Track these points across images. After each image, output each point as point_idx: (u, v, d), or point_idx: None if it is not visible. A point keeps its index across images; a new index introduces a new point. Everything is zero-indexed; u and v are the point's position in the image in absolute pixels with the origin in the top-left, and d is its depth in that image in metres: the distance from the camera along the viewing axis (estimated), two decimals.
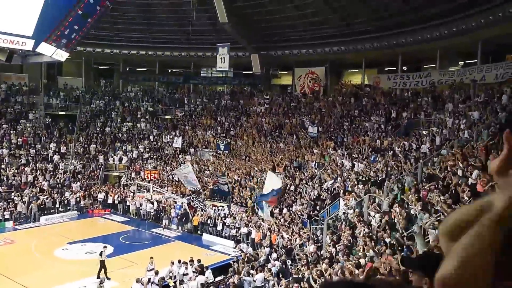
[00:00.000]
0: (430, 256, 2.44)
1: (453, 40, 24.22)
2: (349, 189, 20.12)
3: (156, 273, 15.94)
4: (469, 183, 13.00)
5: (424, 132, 22.58)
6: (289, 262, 17.60)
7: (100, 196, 29.14)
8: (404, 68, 29.78)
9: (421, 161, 17.98)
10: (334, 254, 15.19)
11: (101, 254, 17.45)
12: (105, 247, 18.44)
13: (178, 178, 28.22)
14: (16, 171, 28.84)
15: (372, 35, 28.05)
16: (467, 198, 11.83)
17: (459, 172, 14.29)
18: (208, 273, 16.69)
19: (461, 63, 27.80)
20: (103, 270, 17.10)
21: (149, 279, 15.37)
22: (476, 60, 24.54)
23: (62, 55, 23.37)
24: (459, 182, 13.47)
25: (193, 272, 16.46)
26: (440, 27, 24.34)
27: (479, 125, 18.29)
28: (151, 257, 17.10)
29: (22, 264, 18.75)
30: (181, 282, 16.04)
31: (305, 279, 13.62)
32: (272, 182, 22.48)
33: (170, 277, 16.54)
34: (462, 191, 12.61)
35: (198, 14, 29.75)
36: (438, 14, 24.27)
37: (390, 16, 26.62)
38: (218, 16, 26.86)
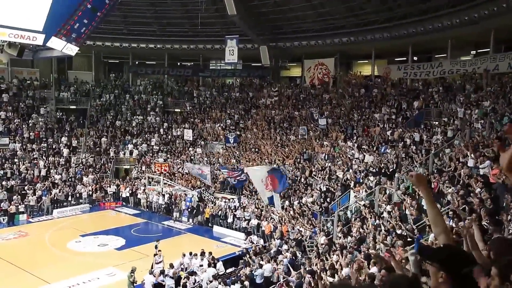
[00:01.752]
0: (449, 249, 2.40)
1: (464, 29, 23.84)
2: (360, 180, 20.06)
3: (171, 266, 16.06)
4: (481, 174, 12.88)
5: (435, 122, 22.36)
6: (299, 254, 17.64)
7: (111, 189, 29.44)
8: (415, 58, 29.43)
9: (432, 151, 17.84)
10: (344, 245, 15.17)
11: (156, 247, 17.64)
12: (157, 240, 18.43)
13: (189, 171, 28.39)
14: (29, 165, 29.21)
15: (382, 25, 27.75)
16: (479, 189, 11.73)
17: (470, 163, 14.17)
18: (219, 265, 16.79)
19: (473, 52, 27.38)
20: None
21: (161, 271, 15.51)
22: (488, 49, 24.16)
23: (72, 49, 23.37)
24: (470, 173, 13.35)
25: (208, 263, 16.58)
26: (451, 16, 23.97)
27: (492, 115, 18.07)
28: (159, 250, 17.23)
29: (36, 256, 19.09)
30: (192, 273, 16.15)
31: (317, 271, 13.63)
32: (256, 174, 22.68)
33: (182, 269, 16.68)
34: (475, 181, 12.48)
35: (206, 6, 29.68)
36: (449, 3, 23.91)
37: (400, 6, 26.29)
38: (227, 8, 26.76)
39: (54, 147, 31.85)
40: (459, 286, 2.01)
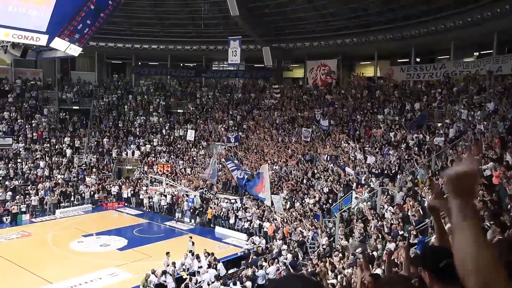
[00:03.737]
0: (426, 248, 2.56)
1: (467, 30, 23.79)
2: (363, 182, 20.04)
3: (173, 264, 16.09)
4: (484, 175, 12.84)
5: (438, 124, 22.32)
6: (301, 256, 17.64)
7: (114, 190, 29.48)
8: (418, 59, 29.38)
9: (434, 153, 17.81)
10: (346, 246, 15.15)
11: (193, 243, 18.50)
12: (190, 237, 19.32)
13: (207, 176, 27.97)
14: (32, 165, 29.29)
15: (385, 26, 27.71)
16: (481, 191, 11.69)
17: None
18: (220, 266, 16.79)
19: (476, 54, 27.33)
20: None
21: (163, 271, 15.52)
22: (491, 51, 24.10)
23: (75, 50, 23.51)
24: None
25: (208, 264, 16.59)
26: (454, 17, 23.93)
27: (495, 117, 18.02)
28: (167, 252, 17.19)
29: (38, 256, 19.12)
30: (194, 274, 16.17)
31: (317, 271, 13.63)
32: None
33: (183, 270, 16.71)
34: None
35: (209, 7, 29.71)
36: (452, 4, 23.87)
37: (403, 6, 26.26)
38: (229, 9, 26.79)
39: (57, 147, 31.93)
40: (440, 279, 2.08)
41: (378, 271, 9.59)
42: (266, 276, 15.58)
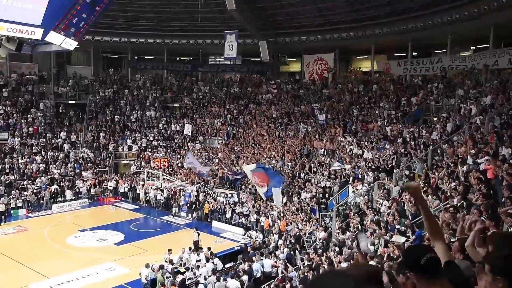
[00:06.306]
0: (411, 249, 2.58)
1: (464, 24, 23.78)
2: (359, 176, 20.08)
3: (171, 261, 16.08)
4: (480, 170, 12.87)
5: (434, 118, 22.34)
6: (297, 250, 17.69)
7: (111, 184, 29.43)
8: (414, 53, 29.37)
9: (430, 147, 17.85)
10: (343, 241, 15.20)
11: (199, 234, 19.30)
12: (196, 228, 20.05)
13: (190, 167, 28.21)
14: (27, 160, 29.18)
15: (382, 20, 27.66)
16: (477, 185, 11.73)
17: (469, 159, 14.16)
18: (216, 260, 16.82)
19: (472, 48, 27.34)
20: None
21: (160, 266, 15.50)
22: (488, 45, 24.11)
23: (71, 44, 23.39)
24: (469, 168, 13.35)
25: (207, 258, 16.62)
26: (451, 11, 23.90)
27: (491, 111, 18.03)
28: (169, 249, 17.11)
29: (35, 251, 19.10)
30: (189, 269, 16.18)
31: (313, 266, 13.69)
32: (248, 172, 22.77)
33: (180, 264, 16.73)
34: (473, 177, 12.48)
35: (206, 1, 29.56)
36: None
37: (400, 1, 26.19)
38: (226, 3, 26.66)
39: (53, 142, 31.81)
40: (424, 276, 2.06)
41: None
42: (261, 269, 15.65)
